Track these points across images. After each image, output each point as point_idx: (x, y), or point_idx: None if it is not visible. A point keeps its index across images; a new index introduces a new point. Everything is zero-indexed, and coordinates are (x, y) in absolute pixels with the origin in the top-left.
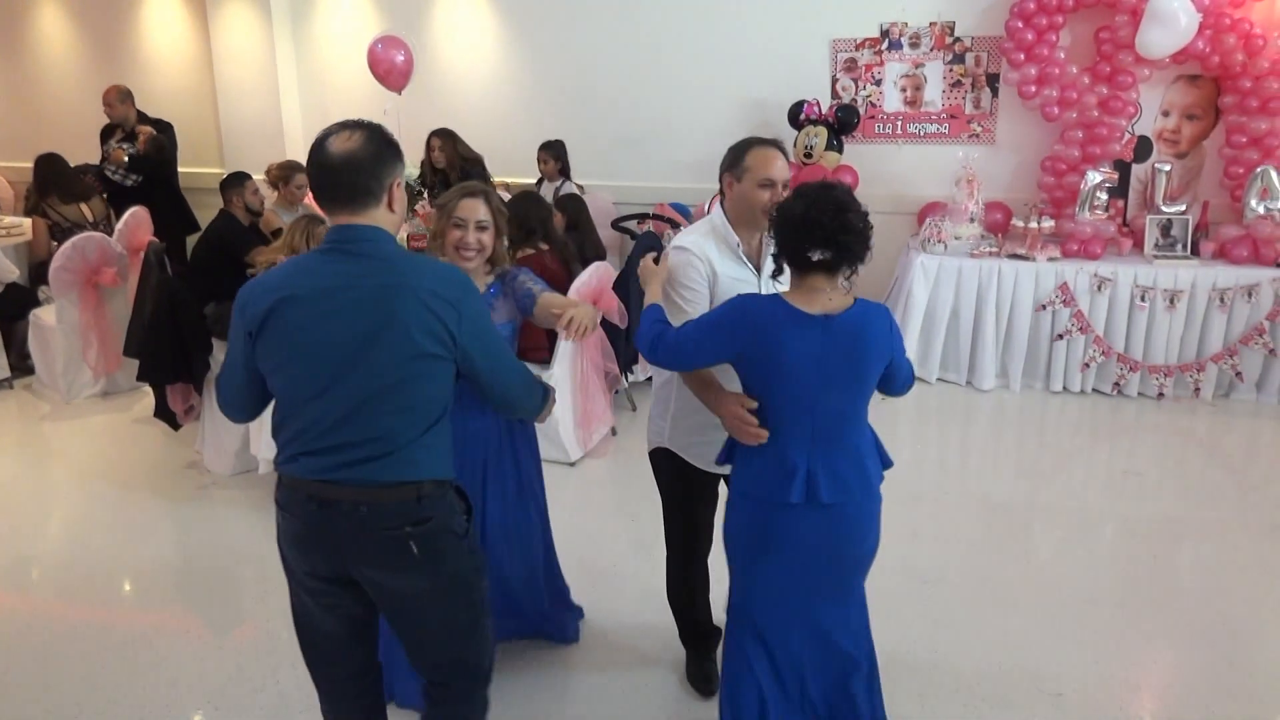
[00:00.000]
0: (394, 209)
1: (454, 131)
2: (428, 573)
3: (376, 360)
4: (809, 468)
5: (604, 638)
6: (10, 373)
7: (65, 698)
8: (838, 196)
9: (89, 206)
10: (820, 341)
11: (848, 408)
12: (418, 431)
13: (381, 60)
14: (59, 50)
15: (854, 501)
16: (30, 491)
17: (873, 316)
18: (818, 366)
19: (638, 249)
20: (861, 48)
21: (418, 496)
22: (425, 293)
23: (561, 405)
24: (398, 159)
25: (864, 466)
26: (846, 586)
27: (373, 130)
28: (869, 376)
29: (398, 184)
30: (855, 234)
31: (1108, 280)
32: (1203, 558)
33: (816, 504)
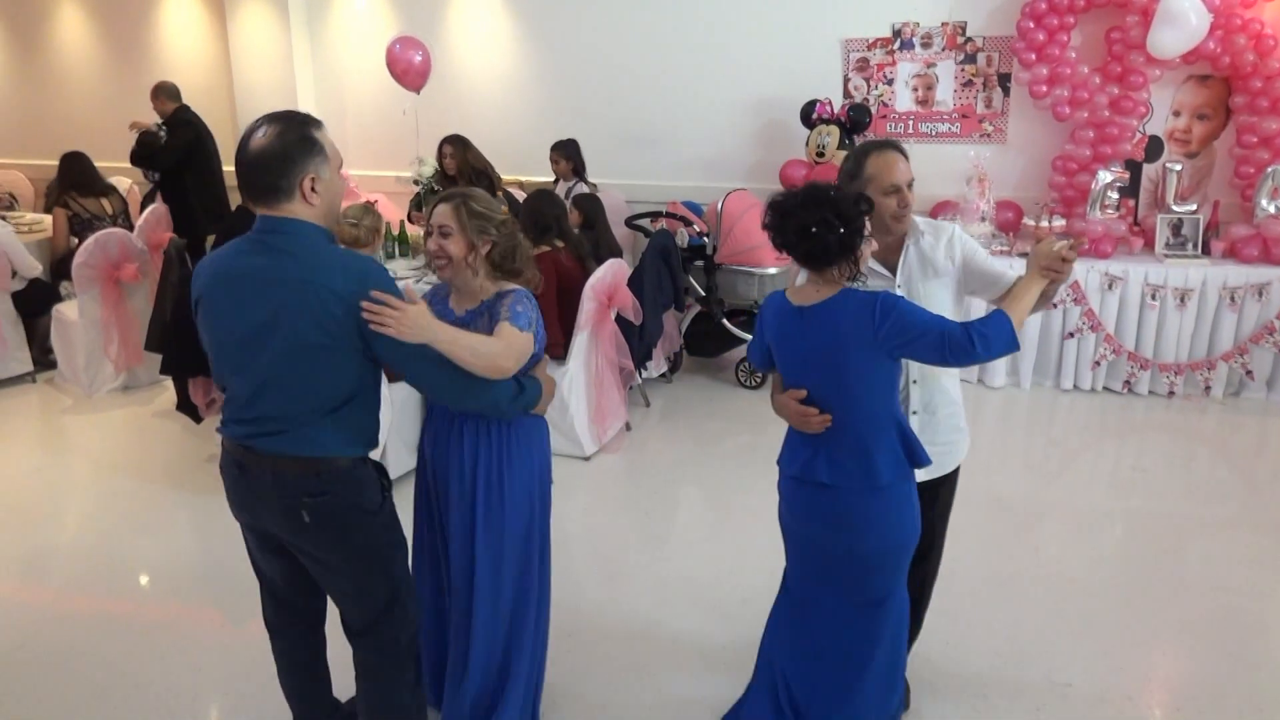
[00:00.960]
0: (311, 202)
1: (466, 139)
2: (332, 542)
3: (269, 349)
4: (814, 449)
5: (617, 631)
6: (33, 367)
7: (91, 683)
8: (794, 202)
9: (109, 201)
10: (798, 332)
11: (833, 397)
12: (318, 414)
13: (399, 60)
14: (79, 50)
15: (852, 489)
16: (52, 484)
17: (849, 306)
18: (797, 356)
19: (651, 246)
20: (873, 47)
21: (317, 472)
22: (317, 286)
23: (576, 400)
24: (310, 154)
25: (868, 458)
26: (855, 583)
27: (289, 125)
28: (848, 365)
29: (310, 179)
30: (807, 241)
31: (1118, 279)
32: (1211, 554)
33: (816, 484)
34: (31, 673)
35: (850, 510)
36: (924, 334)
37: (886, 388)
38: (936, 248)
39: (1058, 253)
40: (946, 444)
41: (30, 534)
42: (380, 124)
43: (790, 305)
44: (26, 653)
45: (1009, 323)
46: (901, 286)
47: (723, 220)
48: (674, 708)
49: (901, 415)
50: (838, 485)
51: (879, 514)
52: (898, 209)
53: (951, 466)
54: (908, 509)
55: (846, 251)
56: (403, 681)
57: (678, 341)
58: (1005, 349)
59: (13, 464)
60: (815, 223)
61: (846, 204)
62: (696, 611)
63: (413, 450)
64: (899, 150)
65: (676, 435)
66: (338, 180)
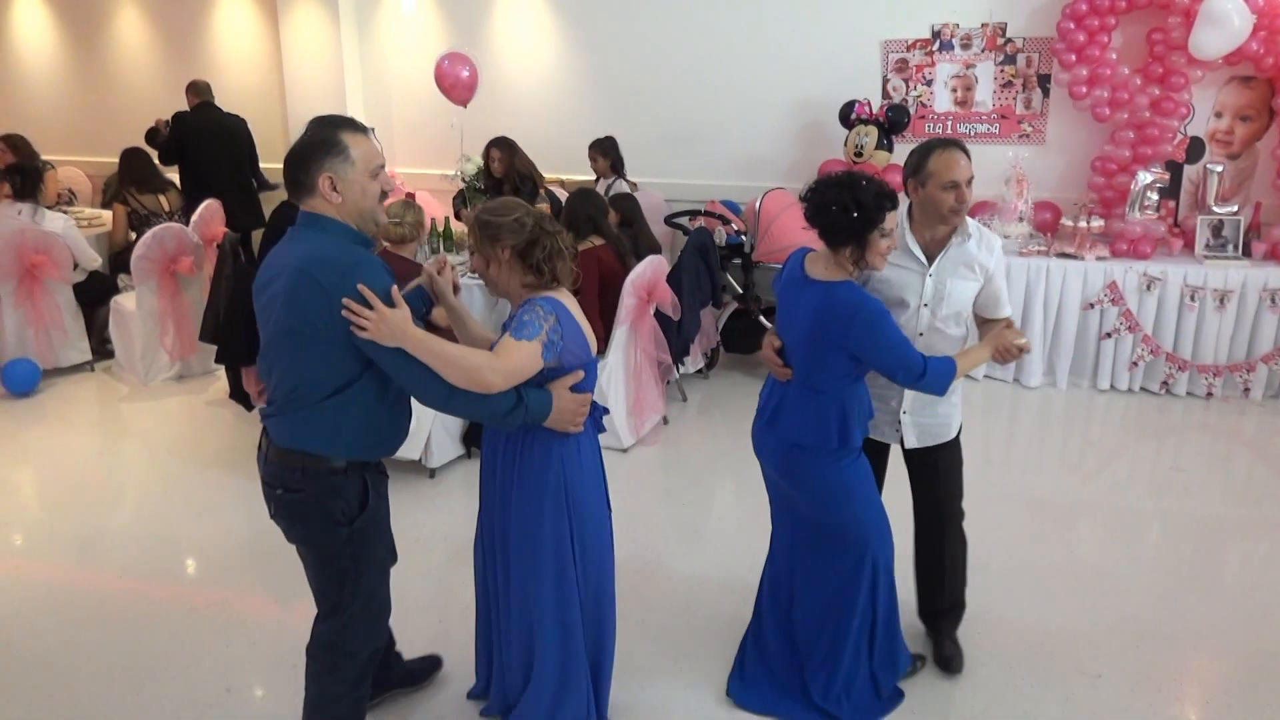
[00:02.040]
0: (330, 199)
1: (514, 143)
2: (297, 535)
3: (269, 331)
4: (777, 393)
5: (653, 616)
6: (91, 356)
7: (152, 654)
8: (831, 181)
9: (166, 198)
10: (797, 296)
11: (797, 360)
12: (302, 403)
13: (447, 75)
14: (137, 51)
15: (788, 439)
16: (110, 468)
17: (835, 299)
18: (788, 315)
19: (690, 244)
20: (913, 48)
21: (300, 468)
22: (307, 276)
23: (614, 393)
24: (329, 155)
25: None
26: (799, 520)
27: (319, 126)
28: (815, 345)
29: (328, 178)
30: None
31: (1157, 280)
32: (1246, 554)
33: (766, 421)
34: (97, 643)
35: (785, 457)
36: (887, 352)
37: (841, 373)
38: (976, 254)
39: (1016, 345)
40: (940, 417)
41: (91, 515)
42: (426, 123)
43: (802, 270)
44: (91, 626)
45: (954, 371)
46: (932, 276)
47: (760, 219)
48: (709, 691)
49: (849, 399)
50: (776, 431)
51: (806, 468)
52: (955, 204)
53: (945, 438)
54: (832, 474)
55: (856, 237)
56: (333, 680)
57: (715, 338)
58: (940, 390)
59: (72, 448)
60: (835, 202)
61: (869, 195)
62: (732, 599)
63: (455, 440)
64: (962, 149)
65: (713, 430)
66: (366, 181)
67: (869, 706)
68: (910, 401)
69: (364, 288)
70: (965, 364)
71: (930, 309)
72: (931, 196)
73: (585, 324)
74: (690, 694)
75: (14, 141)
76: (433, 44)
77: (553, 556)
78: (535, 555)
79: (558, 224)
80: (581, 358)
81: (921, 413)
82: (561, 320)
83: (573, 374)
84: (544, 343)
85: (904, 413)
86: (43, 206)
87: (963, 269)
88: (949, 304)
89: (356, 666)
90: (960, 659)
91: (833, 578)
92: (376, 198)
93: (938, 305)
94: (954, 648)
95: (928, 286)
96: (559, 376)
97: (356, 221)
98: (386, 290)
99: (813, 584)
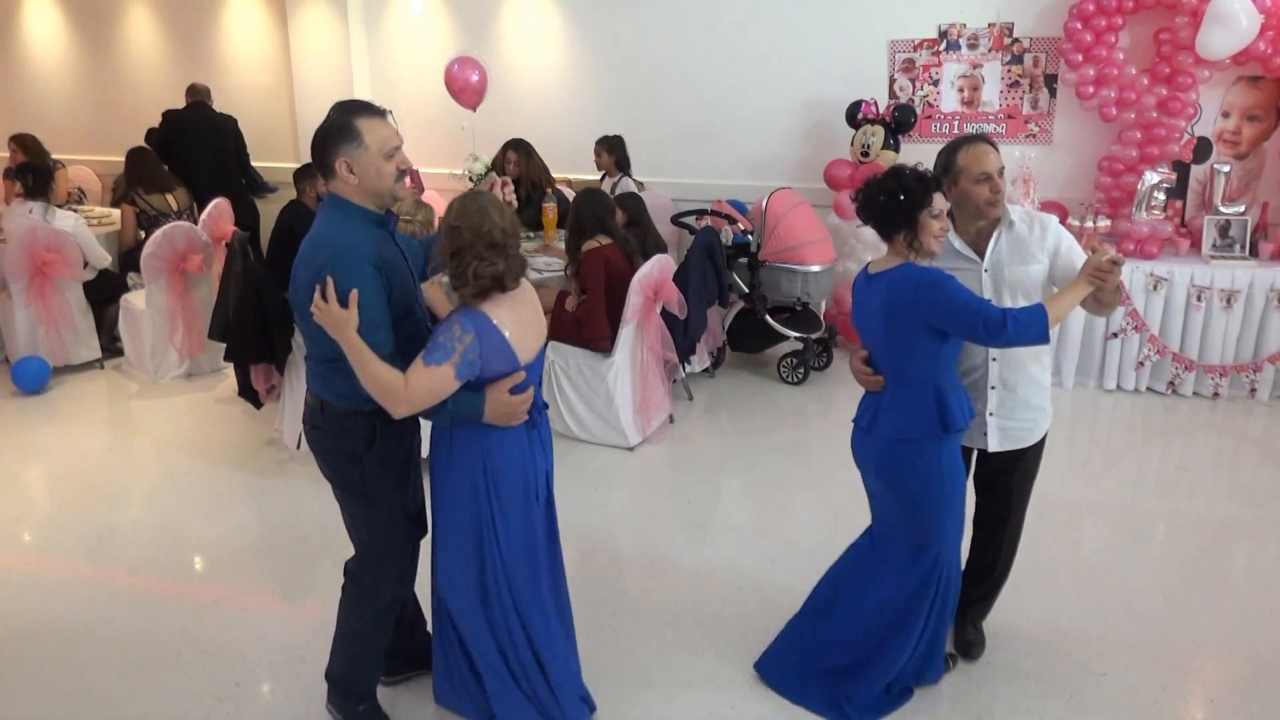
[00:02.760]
0: (348, 181)
1: (531, 147)
2: (322, 468)
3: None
4: (872, 400)
5: (659, 613)
6: (101, 354)
7: (164, 649)
8: (882, 174)
9: (174, 196)
10: (865, 296)
11: (882, 357)
12: (319, 361)
13: (457, 79)
14: (147, 50)
15: (889, 439)
16: (120, 465)
17: (897, 279)
18: (862, 317)
19: (697, 243)
20: (919, 48)
21: (320, 408)
22: (305, 249)
23: (621, 392)
24: (344, 139)
25: (904, 414)
26: (897, 524)
27: (338, 112)
28: (893, 330)
29: (344, 161)
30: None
31: (1164, 280)
32: (1252, 554)
33: (864, 429)
34: (107, 638)
35: (886, 457)
36: (961, 312)
37: (928, 355)
38: (1029, 237)
39: (1107, 260)
40: (1025, 420)
41: (100, 511)
42: (435, 122)
43: (865, 271)
44: (103, 621)
45: (1045, 315)
46: (989, 270)
47: (767, 218)
48: (715, 687)
49: (944, 383)
50: (877, 433)
51: (908, 462)
52: (990, 195)
53: (1029, 441)
54: (936, 465)
55: (906, 219)
56: (354, 613)
57: (721, 337)
58: (1036, 338)
59: (83, 445)
60: (881, 191)
61: (912, 179)
62: (738, 596)
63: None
64: (988, 142)
65: (719, 428)
66: (381, 163)
67: (875, 704)
68: (996, 403)
69: (330, 281)
70: (1060, 306)
71: (995, 301)
72: (966, 191)
73: (522, 330)
74: (694, 692)
75: (24, 141)
76: (441, 43)
77: (473, 547)
78: (455, 544)
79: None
80: (510, 368)
81: (1009, 415)
82: (482, 338)
83: (513, 376)
84: (456, 364)
85: (990, 414)
86: (53, 205)
87: (1019, 256)
88: (1014, 292)
89: (374, 606)
90: (982, 645)
91: (902, 599)
92: (393, 177)
93: (1001, 297)
94: (976, 634)
95: (986, 281)
96: (501, 380)
97: (374, 201)
98: (346, 291)
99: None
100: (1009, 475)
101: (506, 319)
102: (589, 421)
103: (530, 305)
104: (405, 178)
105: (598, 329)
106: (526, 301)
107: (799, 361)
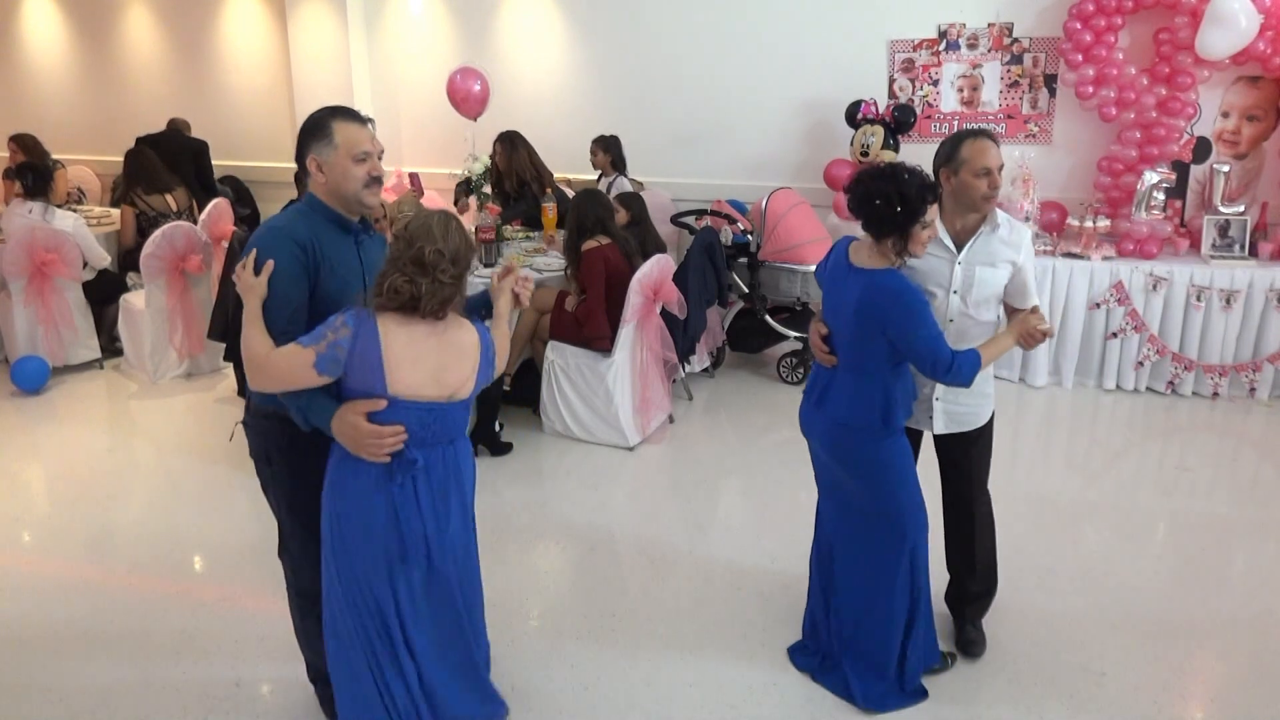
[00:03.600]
0: (317, 179)
1: (516, 141)
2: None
3: None
4: (824, 377)
5: (659, 612)
6: (101, 354)
7: (160, 652)
8: (874, 173)
9: (173, 197)
10: (842, 284)
11: (842, 344)
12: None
13: (459, 89)
14: (146, 50)
15: (836, 419)
16: (120, 464)
17: (878, 283)
18: (833, 301)
19: (696, 243)
20: (919, 48)
21: (249, 405)
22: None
23: (621, 392)
24: (315, 139)
25: (853, 401)
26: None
27: (316, 112)
28: (858, 329)
29: (314, 160)
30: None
31: (1163, 280)
32: (1252, 553)
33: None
34: (106, 638)
35: (831, 438)
36: (922, 342)
37: (884, 357)
38: (1007, 245)
39: (1040, 330)
40: (969, 405)
41: (100, 511)
42: (434, 122)
43: (846, 260)
44: (100, 621)
45: (979, 364)
46: (961, 264)
47: (766, 218)
48: (714, 685)
49: (892, 380)
50: (824, 412)
51: (851, 447)
52: (988, 190)
53: (973, 425)
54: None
55: (899, 229)
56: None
57: (720, 337)
58: (966, 381)
59: (82, 445)
60: (879, 195)
61: (913, 188)
62: (738, 596)
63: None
64: (991, 137)
65: (719, 428)
66: (348, 165)
67: (888, 695)
68: (943, 388)
69: (255, 252)
70: (990, 354)
71: (960, 295)
72: (965, 183)
73: (412, 363)
74: (694, 692)
75: (24, 141)
76: (441, 43)
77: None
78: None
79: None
80: (372, 387)
81: (953, 400)
82: (357, 339)
83: (372, 400)
84: (320, 353)
85: (935, 399)
86: (53, 205)
87: (991, 260)
88: (978, 291)
89: (297, 588)
90: (983, 644)
91: (872, 564)
92: (360, 182)
93: (967, 292)
94: (977, 633)
95: (957, 274)
96: (356, 398)
97: (342, 204)
98: (262, 262)
99: (853, 570)
100: (963, 461)
101: (398, 339)
102: (588, 421)
103: (448, 348)
104: (376, 185)
105: (597, 329)
106: (446, 342)
107: (798, 361)
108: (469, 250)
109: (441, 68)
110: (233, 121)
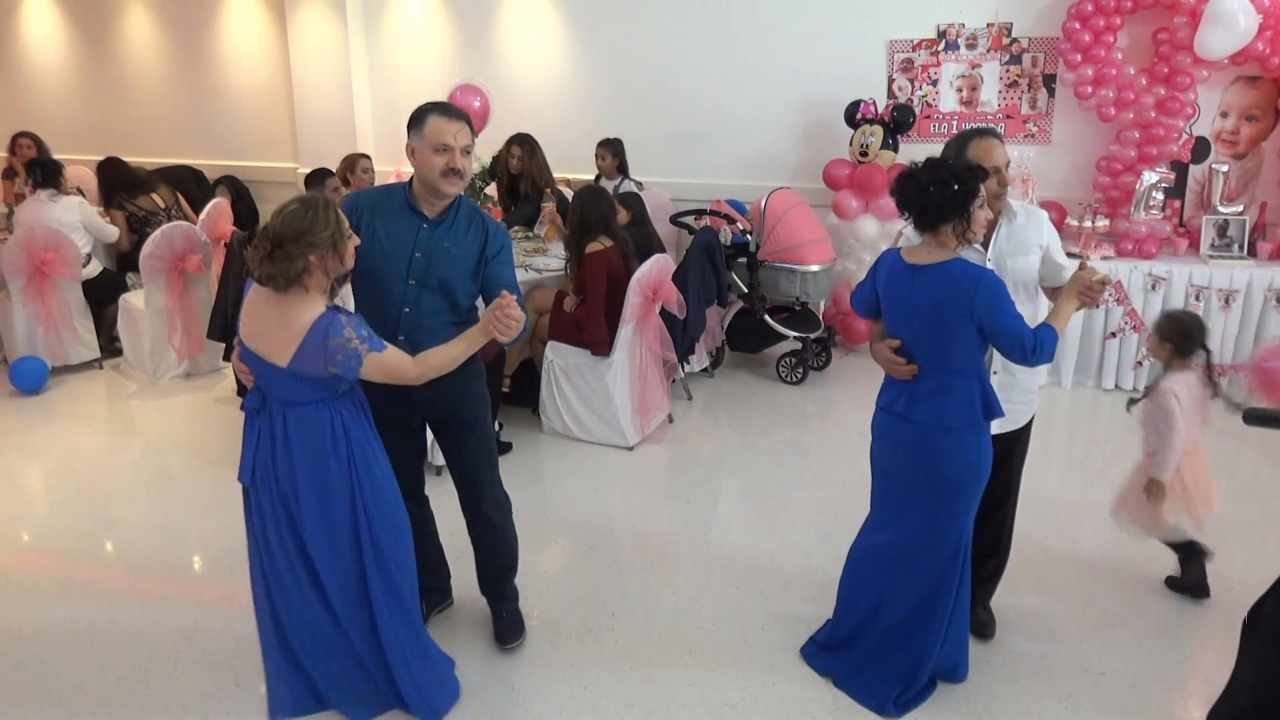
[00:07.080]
0: (411, 162)
1: (535, 144)
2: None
3: None
4: (903, 386)
5: (659, 612)
6: (100, 354)
7: (159, 652)
8: (918, 168)
9: (159, 195)
10: (907, 288)
11: (925, 346)
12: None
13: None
14: (146, 51)
15: (929, 425)
16: (118, 465)
17: (956, 274)
18: (901, 308)
19: (695, 243)
20: (918, 48)
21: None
22: None
23: (620, 392)
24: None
25: (946, 403)
26: (929, 504)
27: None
28: (943, 324)
29: (409, 146)
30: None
31: (1162, 279)
32: (1253, 553)
33: (898, 415)
34: (105, 638)
35: (924, 442)
36: (1010, 323)
37: (973, 347)
38: (1028, 228)
39: (1096, 281)
40: (1022, 402)
41: (99, 511)
42: None
43: (903, 262)
44: (99, 621)
45: (1056, 336)
46: (992, 261)
47: (766, 218)
48: (713, 685)
49: (984, 372)
50: (915, 420)
51: (948, 449)
52: (997, 188)
53: (1023, 423)
54: (974, 449)
55: (959, 209)
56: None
57: (720, 337)
58: (1049, 357)
59: (82, 445)
60: (932, 182)
61: (962, 169)
62: (738, 595)
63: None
64: (996, 136)
65: (718, 428)
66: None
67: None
68: (997, 387)
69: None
70: (1060, 323)
71: None
72: None
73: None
74: (694, 691)
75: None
76: (441, 43)
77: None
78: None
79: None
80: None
81: (1007, 399)
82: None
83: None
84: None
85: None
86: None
87: (1019, 247)
88: (1013, 281)
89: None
90: (993, 625)
91: (929, 576)
92: (438, 170)
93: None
94: (987, 614)
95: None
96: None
97: (424, 187)
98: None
99: (910, 584)
100: (1010, 457)
101: (253, 296)
102: (588, 421)
103: (273, 316)
104: (454, 176)
105: (597, 333)
106: (278, 311)
107: (798, 361)
108: (308, 234)
109: (441, 68)
110: (232, 121)
